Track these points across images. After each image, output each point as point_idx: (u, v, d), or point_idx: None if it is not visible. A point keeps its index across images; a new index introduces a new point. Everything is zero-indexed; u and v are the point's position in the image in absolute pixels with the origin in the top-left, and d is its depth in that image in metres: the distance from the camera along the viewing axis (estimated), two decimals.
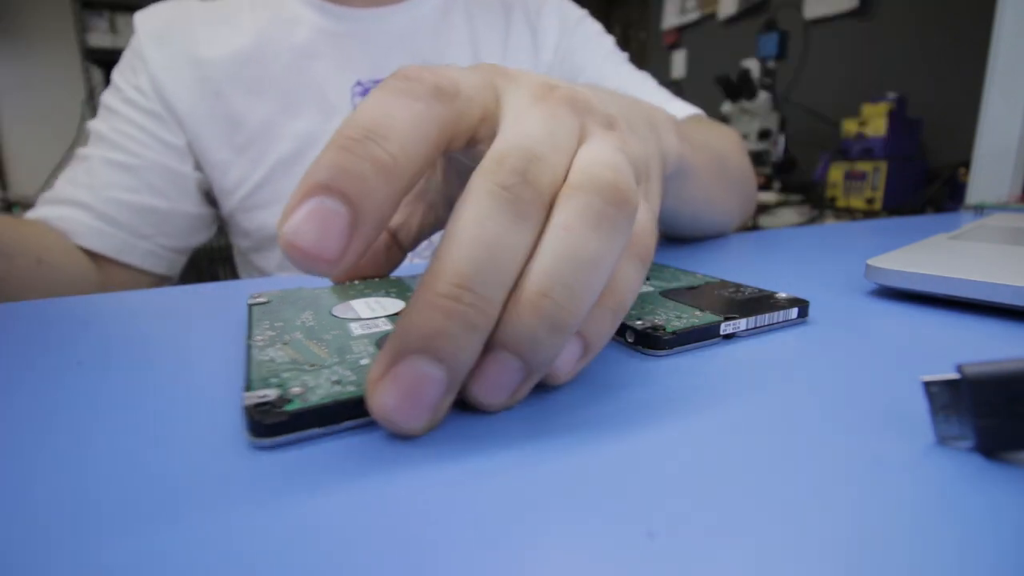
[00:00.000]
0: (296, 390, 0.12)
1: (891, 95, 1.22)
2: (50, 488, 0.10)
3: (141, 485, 0.10)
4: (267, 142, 0.41)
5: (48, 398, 0.14)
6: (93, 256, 0.38)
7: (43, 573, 0.08)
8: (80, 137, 2.25)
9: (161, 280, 0.43)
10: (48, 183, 2.25)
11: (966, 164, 0.87)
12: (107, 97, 0.42)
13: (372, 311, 0.19)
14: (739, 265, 0.30)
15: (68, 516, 0.09)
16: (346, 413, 0.12)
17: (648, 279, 0.24)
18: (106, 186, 0.38)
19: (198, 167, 0.42)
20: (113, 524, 0.09)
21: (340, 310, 0.19)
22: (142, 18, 0.42)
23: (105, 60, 2.09)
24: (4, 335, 0.19)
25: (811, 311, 0.21)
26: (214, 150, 0.41)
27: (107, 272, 0.39)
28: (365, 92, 0.42)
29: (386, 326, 0.17)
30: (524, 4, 0.49)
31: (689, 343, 0.17)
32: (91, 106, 2.11)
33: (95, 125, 0.41)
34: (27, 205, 2.15)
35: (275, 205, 0.42)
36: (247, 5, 0.43)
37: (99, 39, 2.03)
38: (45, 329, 0.20)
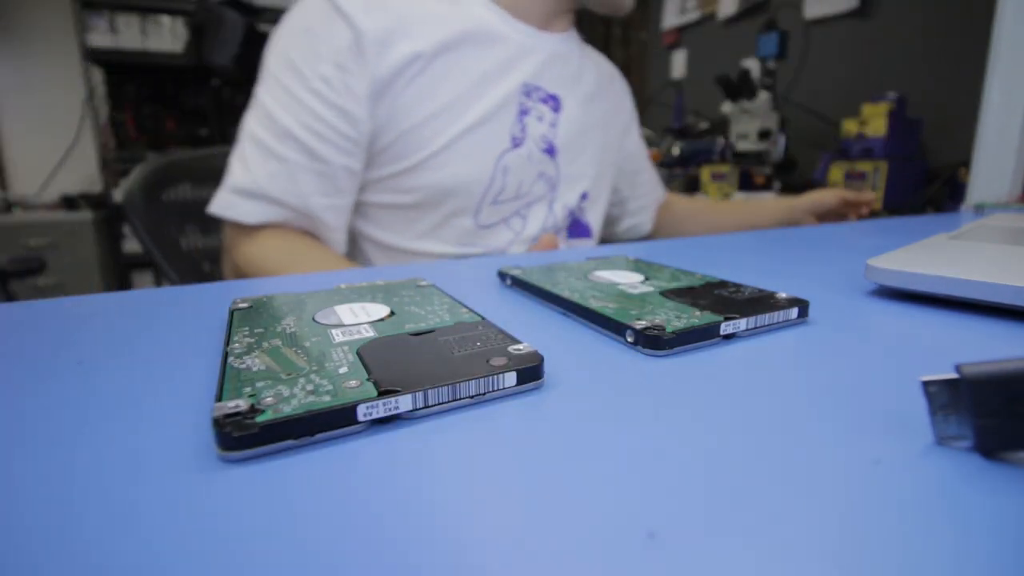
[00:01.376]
0: (269, 400, 0.12)
1: (891, 95, 1.22)
2: (28, 491, 0.10)
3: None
4: (452, 117, 0.47)
5: (48, 398, 0.14)
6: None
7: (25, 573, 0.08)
8: (80, 137, 2.25)
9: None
10: (48, 183, 2.25)
11: (966, 164, 0.87)
12: (287, 77, 0.45)
13: (355, 317, 0.18)
14: (739, 265, 0.30)
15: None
16: (320, 425, 0.12)
17: (648, 279, 0.24)
18: (307, 194, 0.45)
19: (372, 143, 0.48)
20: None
21: (323, 316, 0.19)
22: None
23: (105, 60, 2.09)
24: (4, 335, 0.19)
25: (811, 311, 0.21)
26: (402, 118, 0.46)
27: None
28: (528, 93, 0.51)
29: (368, 332, 0.17)
30: (615, 80, 0.66)
31: (689, 343, 0.17)
32: (91, 106, 2.11)
33: (277, 111, 0.44)
34: (27, 205, 2.15)
35: (446, 169, 0.48)
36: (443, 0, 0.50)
37: (99, 39, 2.03)
38: (45, 329, 0.20)
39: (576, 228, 0.58)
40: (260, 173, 0.44)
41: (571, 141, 0.55)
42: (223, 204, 0.45)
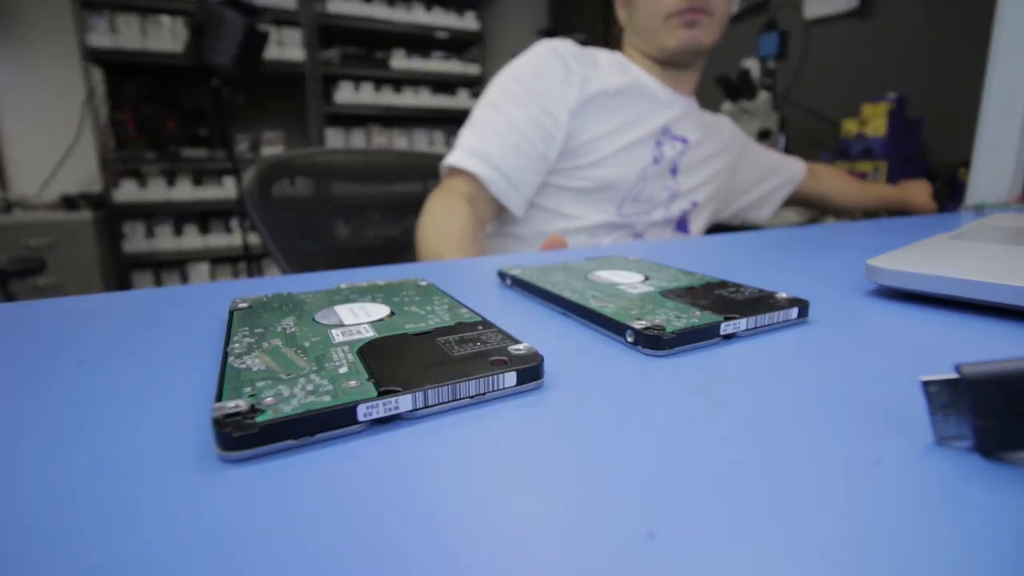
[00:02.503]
0: (269, 400, 0.12)
1: (891, 95, 1.22)
2: (29, 491, 0.10)
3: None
4: (616, 137, 0.69)
5: (48, 398, 0.14)
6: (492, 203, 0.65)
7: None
8: (80, 137, 2.25)
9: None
10: (48, 183, 2.25)
11: (966, 164, 0.87)
12: (517, 88, 0.66)
13: (356, 317, 0.18)
14: (739, 265, 0.30)
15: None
16: (320, 425, 0.12)
17: (648, 279, 0.24)
18: (513, 164, 0.63)
19: (565, 143, 0.67)
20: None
21: (323, 316, 0.19)
22: (561, 46, 0.69)
23: (105, 60, 2.09)
24: (4, 335, 0.19)
25: (811, 311, 0.21)
26: (588, 129, 0.68)
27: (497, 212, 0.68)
28: (665, 131, 0.73)
29: (368, 332, 0.17)
30: (730, 134, 0.87)
31: (689, 343, 0.17)
32: (91, 106, 2.11)
33: (508, 108, 0.65)
34: (27, 205, 2.15)
35: (611, 168, 0.69)
36: (607, 60, 0.73)
37: (99, 39, 2.03)
38: (45, 329, 0.20)
39: (681, 224, 0.79)
40: (488, 141, 0.63)
41: (690, 169, 0.77)
42: (456, 158, 0.62)
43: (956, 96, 1.26)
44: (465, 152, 0.63)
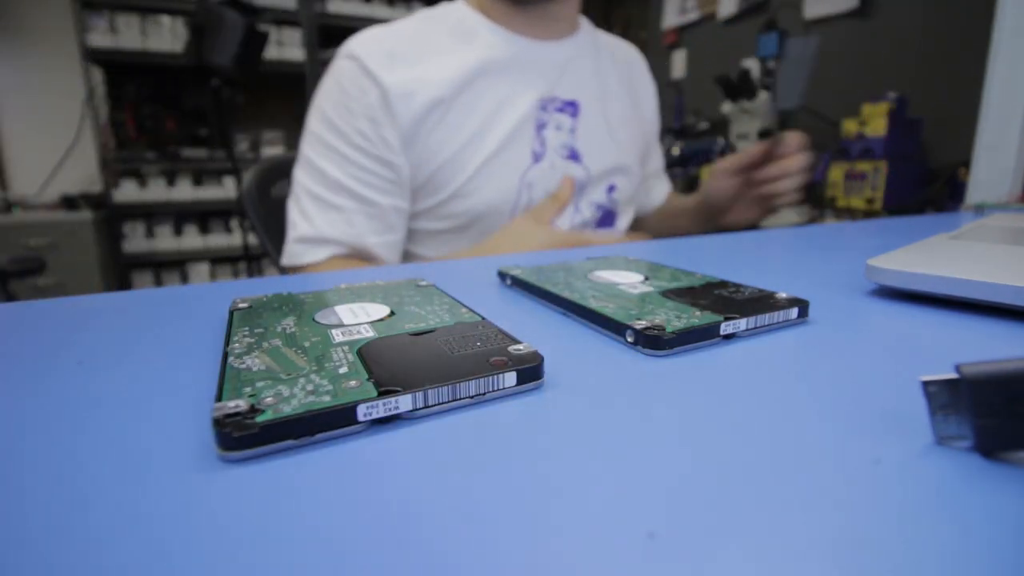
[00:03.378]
0: (269, 400, 0.12)
1: (891, 95, 1.22)
2: (29, 491, 0.10)
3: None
4: (475, 148, 0.52)
5: (48, 398, 0.14)
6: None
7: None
8: (80, 137, 2.25)
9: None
10: (48, 183, 2.25)
11: (966, 164, 0.87)
12: (329, 136, 0.50)
13: (355, 317, 0.18)
14: (739, 265, 0.30)
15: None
16: (320, 425, 0.12)
17: (648, 279, 0.24)
18: (363, 234, 0.50)
19: (412, 180, 0.52)
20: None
21: (323, 316, 0.19)
22: (362, 48, 0.50)
23: (105, 60, 2.09)
24: (4, 335, 0.19)
25: (811, 311, 0.21)
26: (432, 157, 0.51)
27: None
28: (544, 107, 0.54)
29: (368, 332, 0.17)
30: (634, 64, 0.66)
31: (689, 343, 0.17)
32: (91, 106, 2.11)
33: (326, 167, 0.50)
34: (27, 205, 2.15)
35: (475, 195, 0.52)
36: (443, 31, 0.53)
37: (99, 39, 2.03)
38: (45, 329, 0.20)
39: (605, 219, 0.61)
40: (320, 222, 0.49)
41: (594, 142, 0.57)
42: (293, 254, 0.50)
43: (956, 96, 1.26)
44: (302, 244, 0.50)
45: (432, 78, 0.50)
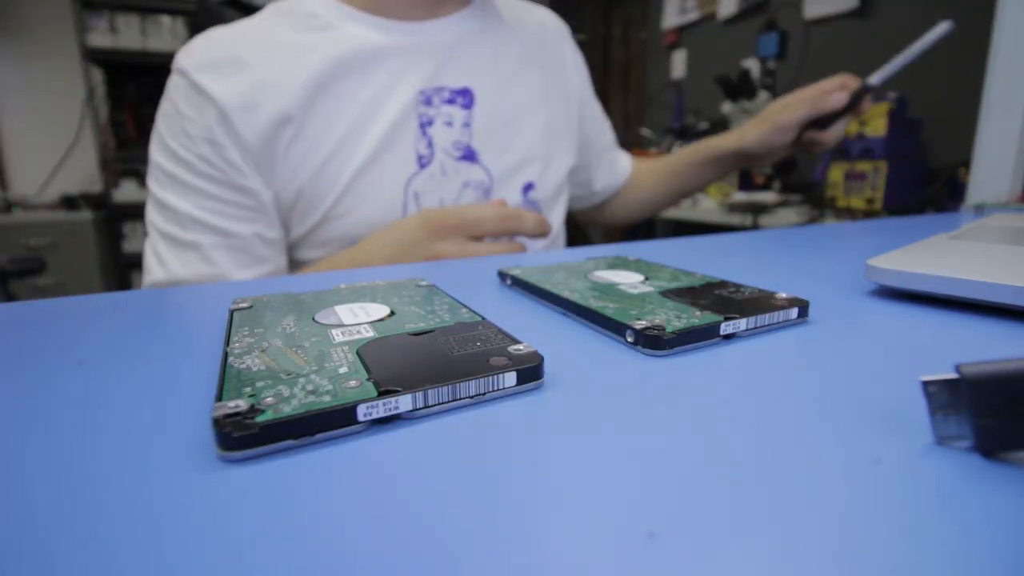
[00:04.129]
0: (269, 400, 0.12)
1: (891, 95, 1.22)
2: (29, 491, 0.10)
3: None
4: (344, 158, 0.43)
5: (48, 398, 0.14)
6: None
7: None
8: (80, 137, 2.25)
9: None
10: (48, 183, 2.25)
11: (966, 164, 0.87)
12: (171, 167, 0.42)
13: (355, 317, 0.18)
14: (739, 265, 0.30)
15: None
16: (320, 425, 0.12)
17: (648, 279, 0.24)
18: (226, 272, 0.43)
19: (278, 205, 0.45)
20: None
21: (323, 316, 0.19)
22: (188, 60, 0.43)
23: (105, 60, 2.09)
24: (4, 335, 0.19)
25: (811, 311, 0.21)
26: (294, 177, 0.43)
27: None
28: (428, 100, 0.46)
29: (368, 332, 0.17)
30: (547, 29, 0.56)
31: (689, 343, 0.17)
32: (91, 106, 2.11)
33: (174, 202, 0.42)
34: (27, 205, 2.15)
35: (353, 214, 0.44)
36: (287, 27, 0.44)
37: (99, 39, 2.03)
38: (45, 329, 0.20)
39: None
40: (174, 265, 0.42)
41: (495, 133, 0.48)
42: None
43: (956, 96, 1.26)
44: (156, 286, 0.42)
45: (277, 86, 0.42)
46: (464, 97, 0.47)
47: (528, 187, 0.51)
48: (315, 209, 0.44)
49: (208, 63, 0.42)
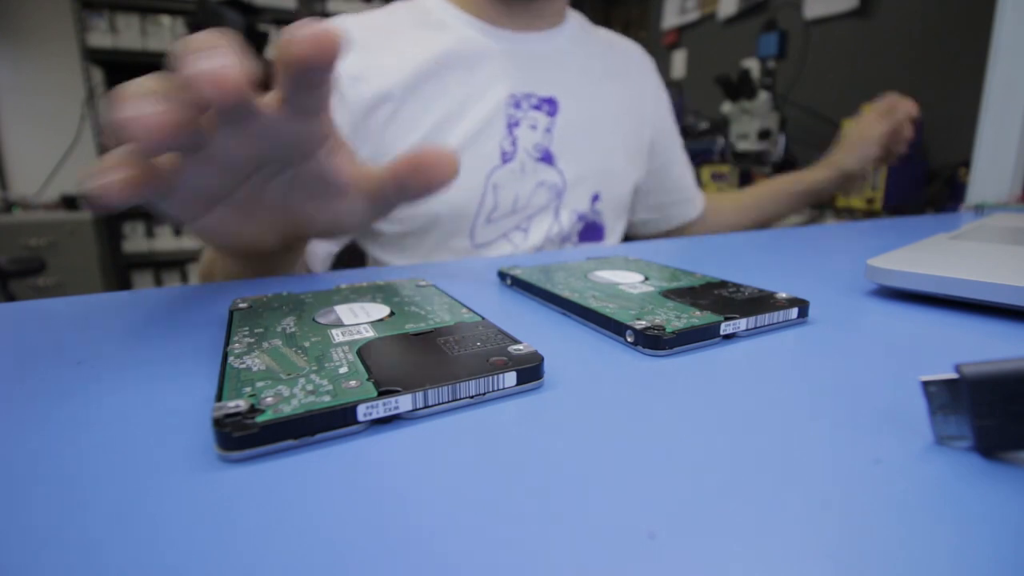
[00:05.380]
0: (269, 400, 0.12)
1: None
2: (28, 491, 0.10)
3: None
4: (438, 141, 0.47)
5: (48, 398, 0.14)
6: None
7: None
8: (80, 137, 2.25)
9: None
10: (48, 183, 2.25)
11: (966, 164, 0.87)
12: None
13: (355, 317, 0.18)
14: (739, 265, 0.30)
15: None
16: (320, 425, 0.12)
17: (648, 279, 0.24)
18: None
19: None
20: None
21: (323, 316, 0.19)
22: (348, 21, 0.48)
23: (105, 60, 2.08)
24: (4, 335, 0.19)
25: (811, 311, 0.21)
26: (387, 152, 0.47)
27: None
28: (517, 103, 0.50)
29: (368, 332, 0.17)
30: (633, 57, 0.62)
31: (689, 343, 0.17)
32: (91, 106, 2.11)
33: None
34: (27, 205, 2.15)
35: (437, 193, 0.46)
36: (411, 23, 0.50)
37: (99, 39, 2.03)
38: (45, 329, 0.20)
39: (589, 232, 0.55)
40: None
41: (572, 143, 0.52)
42: None
43: (956, 96, 1.26)
44: None
45: (386, 67, 0.47)
46: (550, 105, 0.51)
47: (595, 197, 0.54)
48: None
49: (353, 36, 0.47)
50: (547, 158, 0.51)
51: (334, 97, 0.43)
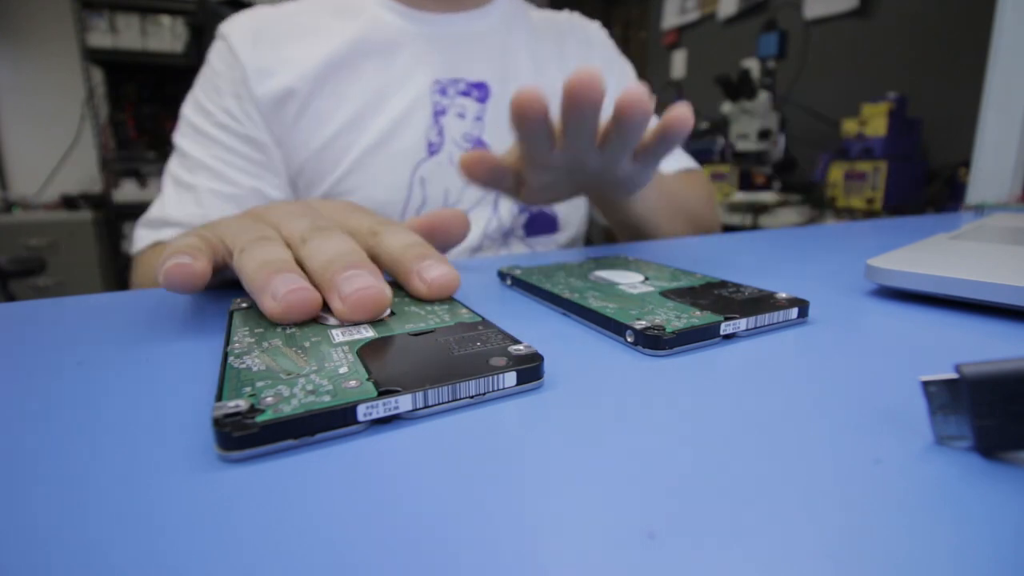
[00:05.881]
0: (269, 400, 0.12)
1: (891, 95, 1.22)
2: (29, 491, 0.10)
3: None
4: (353, 136, 0.45)
5: (48, 398, 0.14)
6: None
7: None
8: (80, 137, 2.25)
9: None
10: (48, 183, 2.25)
11: (966, 164, 0.87)
12: (195, 117, 0.46)
13: None
14: (739, 265, 0.30)
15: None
16: (320, 424, 0.12)
17: (648, 279, 0.24)
18: (210, 215, 0.43)
19: (288, 169, 0.47)
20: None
21: (323, 316, 0.19)
22: (230, 26, 0.47)
23: (105, 60, 2.09)
24: (4, 335, 0.19)
25: (811, 311, 0.21)
26: (301, 147, 0.46)
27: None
28: (443, 90, 0.47)
29: (368, 332, 0.17)
30: (575, 33, 0.56)
31: (689, 343, 0.17)
32: (91, 106, 2.11)
33: (190, 148, 0.46)
34: (27, 205, 2.15)
35: (357, 192, 0.45)
36: (327, 10, 0.48)
37: (99, 39, 2.03)
38: (45, 329, 0.20)
39: (538, 223, 0.51)
40: (171, 204, 0.44)
41: (507, 131, 0.49)
42: (135, 240, 0.45)
43: (956, 96, 1.26)
44: (145, 228, 0.45)
45: (294, 59, 0.45)
46: (479, 91, 0.48)
47: None
48: (320, 182, 0.46)
49: (246, 31, 0.46)
50: (480, 148, 0.48)
51: (241, 93, 0.43)
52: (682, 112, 0.27)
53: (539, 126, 0.25)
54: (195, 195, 0.44)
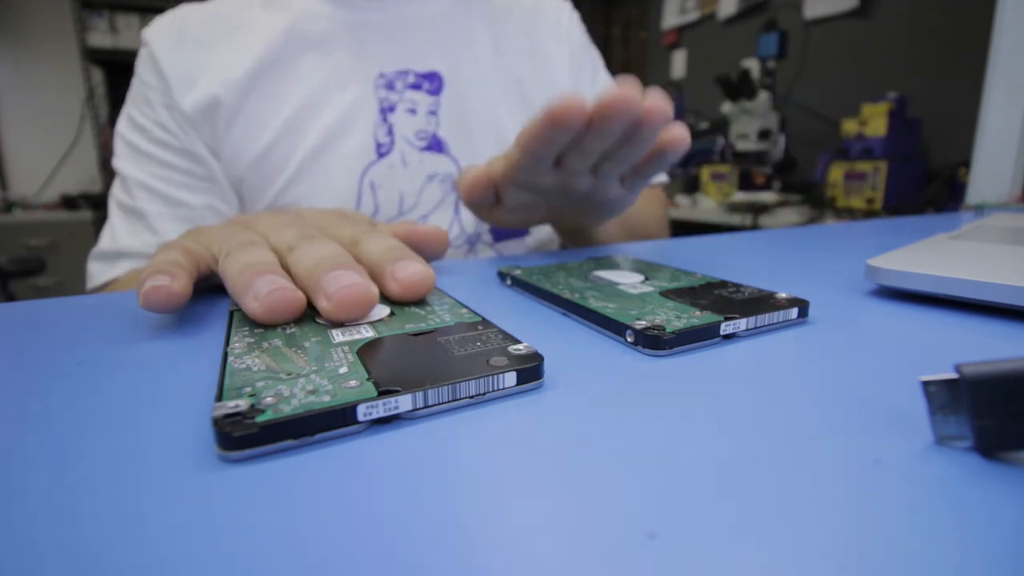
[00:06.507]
0: (269, 400, 0.12)
1: (891, 95, 1.22)
2: (29, 491, 0.10)
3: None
4: (292, 143, 0.41)
5: (48, 398, 0.14)
6: None
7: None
8: (80, 137, 2.25)
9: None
10: (48, 183, 2.25)
11: (966, 164, 0.87)
12: (131, 135, 0.43)
13: None
14: (739, 265, 0.30)
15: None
16: (320, 425, 0.12)
17: (648, 279, 0.24)
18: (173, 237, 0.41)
19: (230, 178, 0.43)
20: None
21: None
22: (152, 31, 0.43)
23: (105, 60, 2.09)
24: (4, 335, 0.19)
25: (811, 311, 0.21)
26: (239, 156, 0.42)
27: None
28: (390, 84, 0.43)
29: (368, 332, 0.17)
30: (546, 18, 0.51)
31: (689, 343, 0.17)
32: (91, 106, 2.11)
33: (131, 172, 0.42)
34: (27, 205, 2.15)
35: (303, 203, 0.41)
36: (256, 2, 0.43)
37: (99, 39, 2.03)
38: (45, 329, 0.20)
39: (505, 233, 0.47)
40: (122, 234, 0.41)
41: (466, 122, 0.44)
42: (89, 276, 0.42)
43: (956, 96, 1.26)
44: (97, 262, 0.41)
45: (218, 66, 0.41)
46: (431, 82, 0.43)
47: None
48: (262, 194, 0.42)
49: (168, 36, 0.42)
50: (436, 145, 0.43)
51: (171, 103, 0.40)
52: (679, 132, 0.26)
53: (567, 137, 0.24)
54: (145, 222, 0.41)
